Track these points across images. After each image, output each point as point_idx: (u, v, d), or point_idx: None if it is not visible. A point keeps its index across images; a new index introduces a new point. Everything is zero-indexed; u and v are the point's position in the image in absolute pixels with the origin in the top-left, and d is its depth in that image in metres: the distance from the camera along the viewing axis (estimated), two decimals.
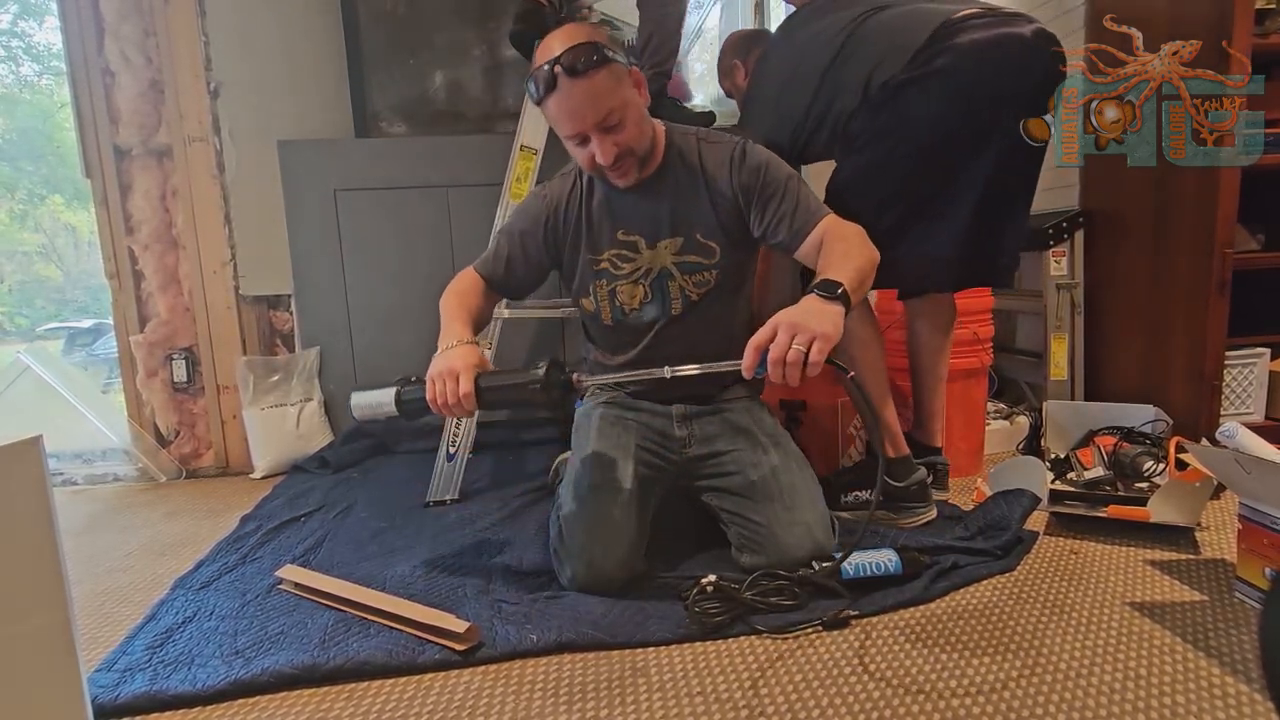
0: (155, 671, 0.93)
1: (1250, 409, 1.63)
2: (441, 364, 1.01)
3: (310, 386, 2.03)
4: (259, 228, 2.00)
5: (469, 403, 0.98)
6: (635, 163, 1.11)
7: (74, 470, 2.01)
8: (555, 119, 1.08)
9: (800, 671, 0.88)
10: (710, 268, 1.18)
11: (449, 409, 0.99)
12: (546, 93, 1.04)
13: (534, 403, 1.00)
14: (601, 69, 1.03)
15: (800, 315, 0.89)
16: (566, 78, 1.02)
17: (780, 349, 0.86)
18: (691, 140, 1.19)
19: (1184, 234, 1.55)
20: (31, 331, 3.90)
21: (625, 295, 1.20)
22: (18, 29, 3.85)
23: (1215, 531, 1.23)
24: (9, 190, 3.82)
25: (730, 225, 1.18)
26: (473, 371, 0.99)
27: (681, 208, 1.17)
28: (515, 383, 1.01)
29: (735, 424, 1.20)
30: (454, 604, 1.06)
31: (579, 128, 1.06)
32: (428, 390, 1.01)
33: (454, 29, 2.13)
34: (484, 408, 1.01)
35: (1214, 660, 0.86)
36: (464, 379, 0.98)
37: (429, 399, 1.01)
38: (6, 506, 0.74)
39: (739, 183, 1.15)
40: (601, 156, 1.07)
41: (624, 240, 1.19)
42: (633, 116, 1.08)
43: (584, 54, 1.02)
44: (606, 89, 1.04)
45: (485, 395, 1.00)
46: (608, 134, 1.06)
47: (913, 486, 1.30)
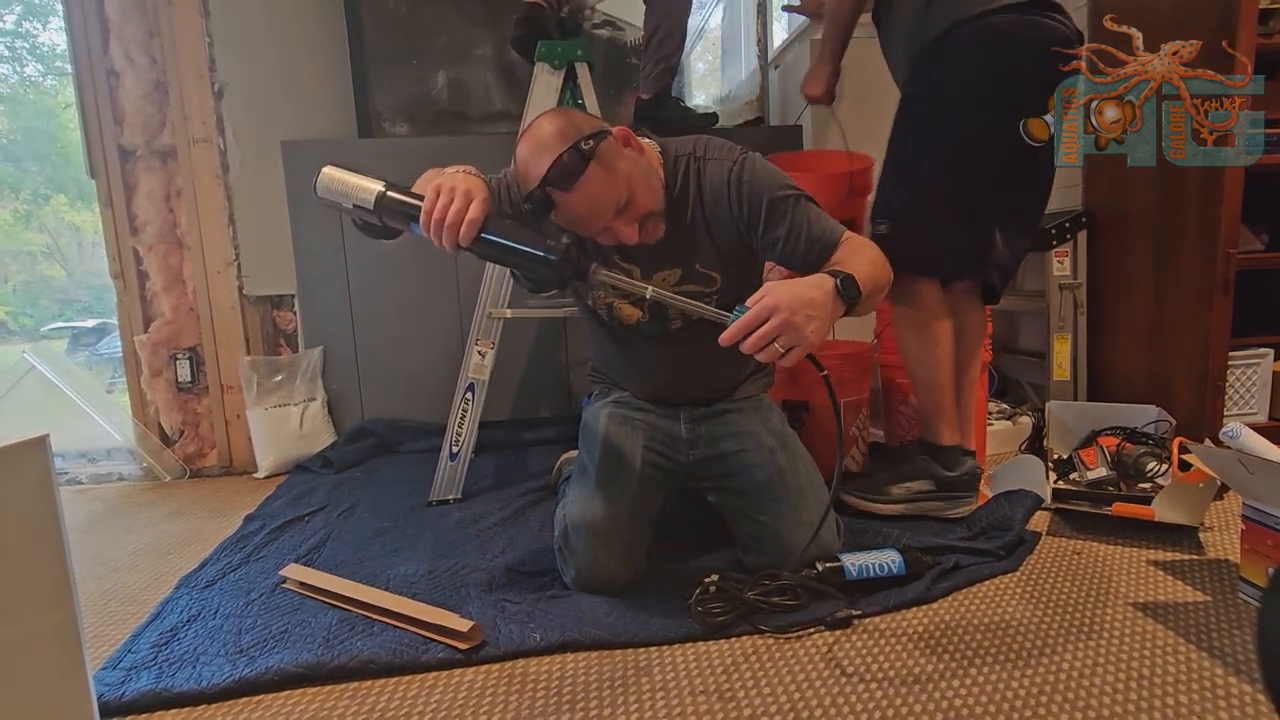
0: (160, 670, 0.93)
1: (1254, 409, 1.63)
2: (455, 179, 0.88)
3: (313, 386, 2.04)
4: (263, 228, 2.01)
5: (470, 231, 0.86)
6: (659, 219, 1.04)
7: (79, 470, 2.02)
8: (570, 225, 1.00)
9: (803, 671, 0.88)
10: (711, 294, 1.13)
11: (441, 229, 0.85)
12: (547, 211, 0.97)
13: (536, 273, 0.89)
14: (590, 167, 0.94)
15: (800, 312, 0.84)
16: (562, 194, 0.95)
17: (763, 339, 0.83)
18: (690, 161, 1.09)
19: (1188, 234, 1.55)
20: (36, 331, 3.91)
21: (623, 313, 1.16)
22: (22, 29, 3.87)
23: (1219, 532, 1.23)
24: (14, 190, 3.84)
25: (730, 252, 1.11)
26: (487, 204, 0.88)
27: (680, 240, 1.10)
28: (529, 239, 0.88)
29: (742, 425, 1.20)
30: (457, 603, 1.07)
31: (600, 224, 0.99)
32: (427, 199, 0.86)
33: (456, 30, 2.13)
34: (478, 252, 0.88)
35: (1218, 660, 0.86)
36: (476, 205, 0.86)
37: (424, 209, 0.86)
38: (13, 505, 0.74)
39: (739, 206, 1.06)
40: (627, 239, 1.00)
41: (621, 265, 1.13)
42: (639, 184, 0.99)
43: (568, 167, 0.93)
44: (605, 183, 0.96)
45: (490, 235, 0.87)
46: (622, 215, 0.99)
47: (964, 476, 1.32)
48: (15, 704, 0.75)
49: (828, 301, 0.88)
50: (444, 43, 2.13)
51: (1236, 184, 1.44)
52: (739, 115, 2.51)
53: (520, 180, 1.00)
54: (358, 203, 0.89)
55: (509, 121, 2.15)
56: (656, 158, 1.08)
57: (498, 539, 1.35)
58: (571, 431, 1.40)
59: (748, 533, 1.14)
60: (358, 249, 2.01)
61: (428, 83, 2.14)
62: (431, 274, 2.01)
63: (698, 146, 1.10)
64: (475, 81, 2.17)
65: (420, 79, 2.13)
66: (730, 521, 1.17)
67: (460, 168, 0.95)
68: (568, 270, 0.88)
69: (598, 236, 1.02)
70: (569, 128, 0.96)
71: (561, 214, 0.98)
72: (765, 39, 2.48)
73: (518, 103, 2.05)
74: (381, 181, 0.90)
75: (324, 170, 0.92)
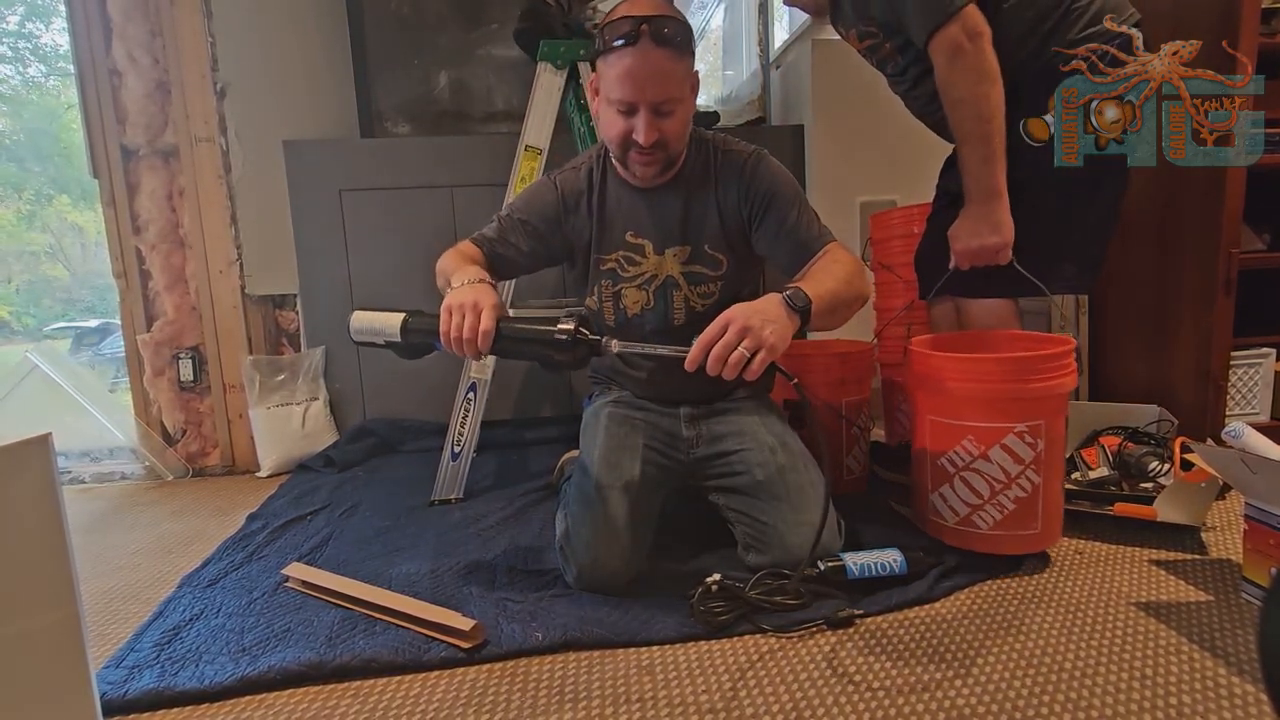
0: (163, 668, 0.93)
1: (1256, 409, 1.62)
2: (463, 296, 0.94)
3: (315, 386, 2.04)
4: (265, 227, 2.01)
5: (485, 342, 0.92)
6: (664, 158, 1.09)
7: (81, 468, 2.02)
8: (614, 78, 1.01)
9: (805, 671, 0.88)
10: (715, 279, 1.17)
11: (461, 346, 0.92)
12: (622, 45, 0.98)
13: (554, 360, 0.93)
14: (683, 52, 1.00)
15: (756, 318, 0.89)
16: (650, 41, 0.97)
17: (726, 348, 0.87)
18: (708, 145, 1.16)
19: (1190, 233, 1.55)
20: (38, 331, 3.92)
21: (629, 299, 1.20)
22: (25, 30, 3.88)
23: (1221, 532, 1.23)
24: (16, 191, 3.85)
25: (735, 240, 1.16)
26: (495, 311, 0.94)
27: (692, 216, 1.15)
28: (539, 334, 0.94)
29: (742, 424, 1.20)
30: (459, 602, 1.07)
31: (636, 97, 1.01)
32: (442, 321, 0.94)
33: (458, 29, 2.13)
34: (498, 353, 0.95)
35: (1220, 660, 0.86)
36: (486, 315, 0.92)
37: (442, 330, 0.94)
38: (16, 504, 0.75)
39: (745, 196, 1.13)
40: (642, 136, 1.03)
41: (632, 243, 1.18)
42: (683, 114, 1.06)
43: (676, 29, 0.98)
44: (678, 74, 1.01)
45: (504, 339, 0.93)
46: (658, 118, 1.03)
47: None
48: (18, 702, 0.75)
49: (780, 311, 0.92)
50: (446, 43, 2.13)
51: (1238, 184, 1.44)
52: (740, 115, 2.51)
53: (620, 9, 1.01)
54: (388, 337, 1.01)
55: (511, 121, 2.15)
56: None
57: (499, 538, 1.35)
58: (573, 431, 1.40)
59: (748, 532, 1.14)
60: (359, 248, 2.02)
61: (429, 82, 2.15)
62: (433, 274, 2.01)
63: (716, 136, 1.18)
64: (477, 81, 2.18)
65: (422, 79, 2.13)
66: (731, 521, 1.18)
67: (467, 277, 0.99)
68: (582, 350, 0.93)
69: (617, 116, 1.04)
70: (686, 20, 1.03)
71: (628, 62, 0.99)
72: (767, 39, 2.49)
73: (520, 102, 2.06)
74: (401, 314, 1.01)
75: (353, 315, 1.04)
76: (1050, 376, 1.05)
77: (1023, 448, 1.05)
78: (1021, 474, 1.06)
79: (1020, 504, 1.07)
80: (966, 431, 1.08)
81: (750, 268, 1.20)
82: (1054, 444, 1.07)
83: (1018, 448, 1.05)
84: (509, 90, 2.18)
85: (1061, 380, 1.06)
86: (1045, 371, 1.05)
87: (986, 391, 1.06)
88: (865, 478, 1.57)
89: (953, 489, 1.11)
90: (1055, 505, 1.11)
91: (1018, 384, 1.04)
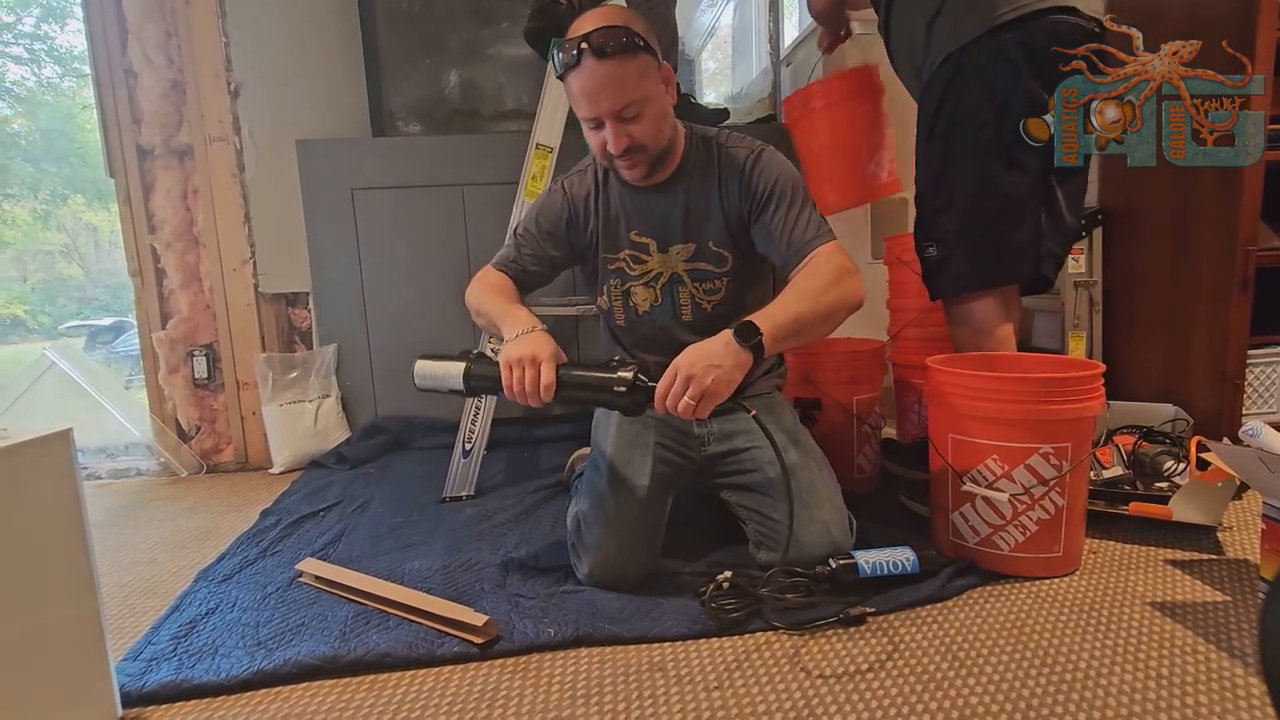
0: (180, 661, 0.95)
1: (1273, 408, 1.61)
2: (521, 349, 0.97)
3: (328, 383, 2.05)
4: (278, 226, 2.03)
5: (548, 394, 0.95)
6: (646, 159, 1.09)
7: (97, 465, 2.05)
8: (574, 98, 1.05)
9: (817, 667, 0.88)
10: (721, 276, 1.17)
11: (525, 397, 0.96)
12: (568, 70, 1.02)
13: (613, 405, 0.97)
14: (629, 57, 1.00)
15: (700, 366, 0.92)
16: (592, 58, 0.99)
17: (673, 400, 0.92)
18: (712, 143, 1.16)
19: (1206, 231, 1.53)
20: (54, 329, 3.97)
21: (639, 297, 1.20)
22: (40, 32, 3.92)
23: (1238, 532, 1.22)
24: (32, 191, 3.89)
25: (739, 237, 1.15)
26: (554, 362, 0.97)
27: (695, 213, 1.15)
28: (599, 381, 0.97)
29: (753, 422, 1.20)
30: (471, 598, 1.07)
31: (595, 112, 1.03)
32: (504, 375, 0.97)
33: (469, 29, 2.14)
34: (560, 399, 0.98)
35: (1237, 661, 0.85)
36: (546, 369, 0.95)
37: (505, 384, 0.97)
38: (38, 497, 0.76)
39: (746, 193, 1.12)
40: (612, 145, 1.05)
41: (637, 241, 1.18)
42: (652, 112, 1.05)
43: (614, 38, 0.99)
44: (631, 78, 1.01)
45: (565, 389, 0.97)
46: (623, 124, 1.04)
47: None
48: (41, 693, 0.76)
49: (727, 352, 0.94)
50: (457, 42, 2.14)
51: (1256, 180, 1.43)
52: (751, 113, 2.50)
53: (570, 31, 1.04)
54: (451, 386, 1.04)
55: (522, 120, 2.16)
56: (681, 129, 1.15)
57: (511, 535, 1.36)
58: (584, 429, 1.41)
59: (760, 530, 1.14)
60: (371, 247, 2.03)
61: (441, 82, 2.16)
62: (445, 272, 2.02)
63: (721, 133, 1.18)
64: (488, 80, 2.18)
65: (433, 78, 2.14)
66: (742, 519, 1.18)
67: (521, 328, 1.02)
68: (640, 396, 0.96)
69: (591, 131, 1.08)
70: (633, 22, 1.03)
71: (579, 81, 1.02)
72: (777, 36, 2.48)
73: (530, 101, 2.06)
74: (463, 363, 1.04)
75: (416, 364, 1.07)
76: (1078, 400, 1.04)
77: (1047, 469, 1.04)
78: (1046, 495, 1.05)
79: (1043, 526, 1.06)
80: (991, 450, 1.07)
81: (758, 265, 1.20)
82: (1079, 467, 1.06)
83: (1042, 469, 1.04)
84: (520, 89, 2.19)
85: (1088, 404, 1.05)
86: (1073, 395, 1.04)
87: (1015, 411, 1.05)
88: (876, 476, 1.57)
89: (974, 509, 1.10)
90: (1077, 529, 1.10)
91: (1043, 405, 1.03)
